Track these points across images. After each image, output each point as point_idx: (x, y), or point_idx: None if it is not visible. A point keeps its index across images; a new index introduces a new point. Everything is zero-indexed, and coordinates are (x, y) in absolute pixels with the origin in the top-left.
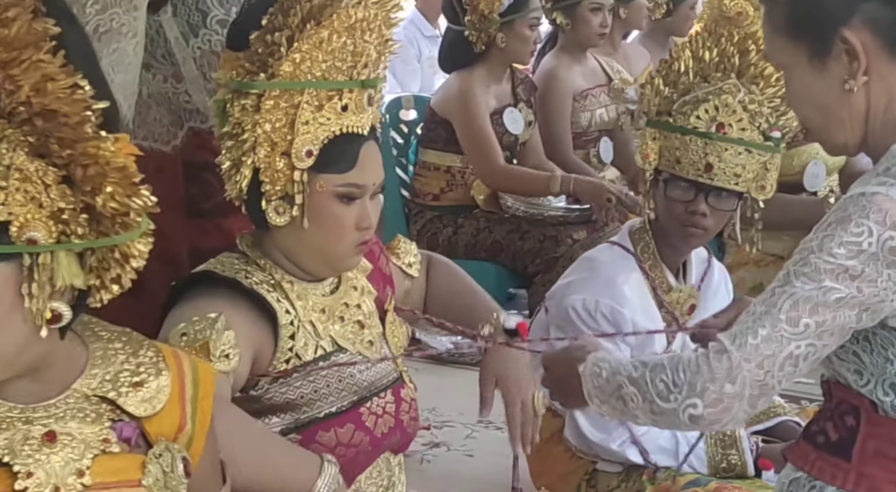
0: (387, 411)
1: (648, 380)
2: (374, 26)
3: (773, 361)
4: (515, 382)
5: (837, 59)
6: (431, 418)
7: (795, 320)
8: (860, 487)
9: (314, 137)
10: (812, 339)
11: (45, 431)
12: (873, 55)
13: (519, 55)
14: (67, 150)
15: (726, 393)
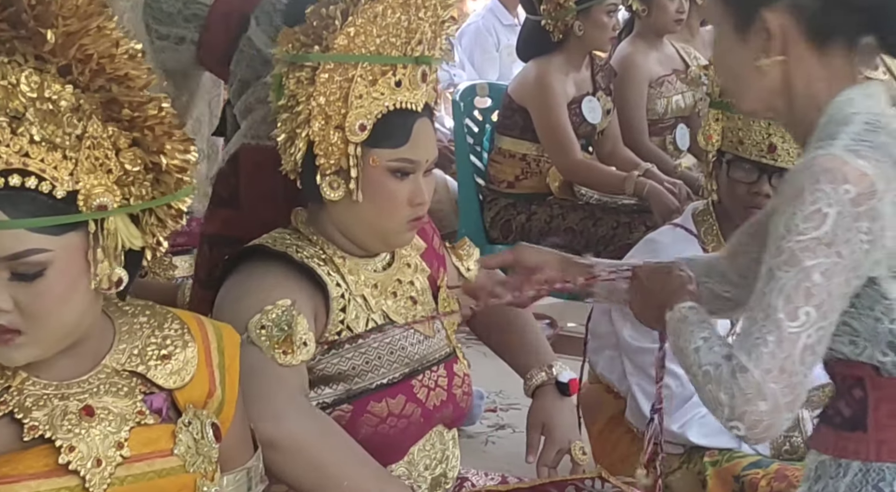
0: (439, 385)
1: (702, 385)
2: (429, 4)
3: (792, 361)
4: (561, 431)
5: (757, 35)
6: (498, 401)
7: (795, 313)
8: (882, 454)
9: (368, 111)
10: (818, 323)
11: (82, 406)
12: (792, 39)
13: (597, 42)
14: (136, 112)
15: (763, 412)
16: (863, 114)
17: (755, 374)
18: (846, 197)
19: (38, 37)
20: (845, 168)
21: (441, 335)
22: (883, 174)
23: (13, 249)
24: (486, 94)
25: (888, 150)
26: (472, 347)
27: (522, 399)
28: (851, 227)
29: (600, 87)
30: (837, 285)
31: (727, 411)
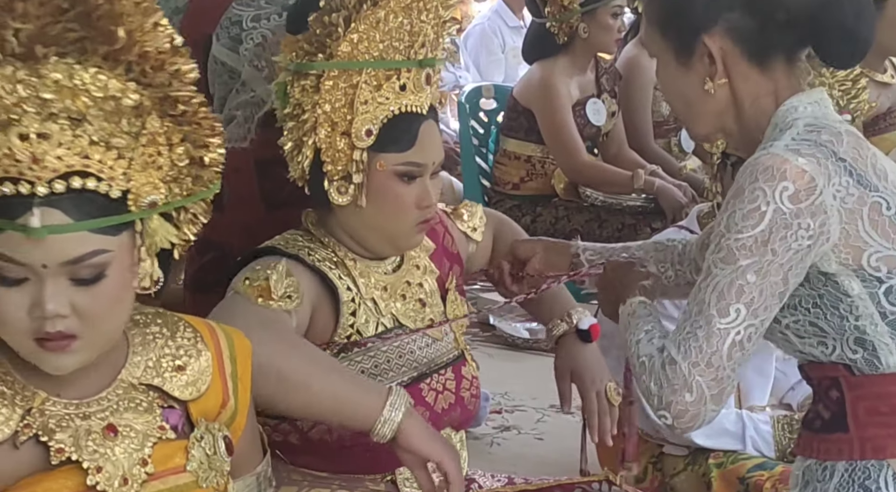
0: (447, 388)
1: (638, 375)
2: (430, 6)
3: (719, 356)
4: (590, 375)
5: (700, 60)
6: (503, 403)
7: (726, 310)
8: (865, 451)
9: (373, 116)
10: (748, 320)
11: (104, 424)
12: (733, 61)
13: (603, 45)
14: (188, 107)
15: (689, 402)
16: (805, 117)
17: (682, 366)
18: (784, 194)
19: (108, 35)
20: (784, 166)
21: (449, 338)
22: (823, 170)
23: (78, 252)
24: (492, 96)
25: (829, 147)
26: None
27: (528, 400)
28: (790, 224)
29: (605, 90)
30: (772, 284)
31: (656, 401)
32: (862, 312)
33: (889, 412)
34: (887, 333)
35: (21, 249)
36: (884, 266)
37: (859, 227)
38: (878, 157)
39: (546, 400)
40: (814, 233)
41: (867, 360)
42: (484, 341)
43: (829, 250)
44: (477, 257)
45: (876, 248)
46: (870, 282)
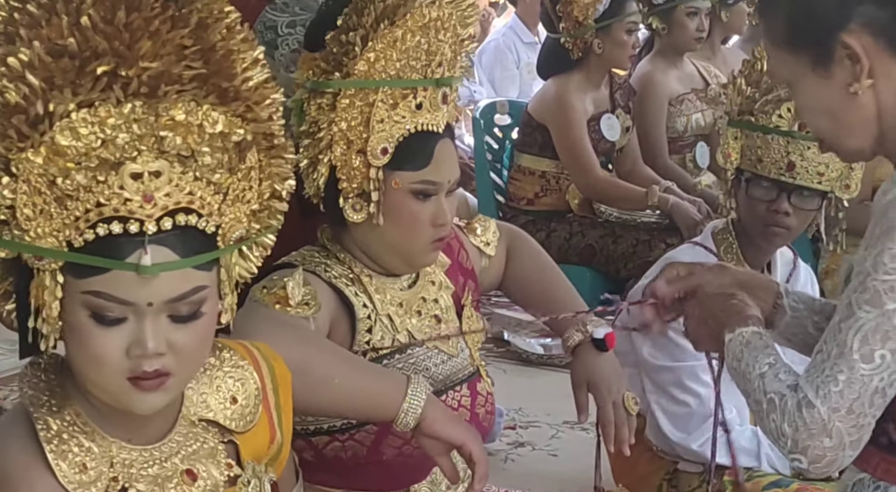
0: (462, 405)
1: (765, 413)
2: (448, 25)
3: (861, 403)
4: (606, 384)
5: (840, 64)
6: (517, 418)
7: (870, 355)
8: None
9: (389, 134)
10: (893, 367)
11: (182, 468)
12: (876, 57)
13: (617, 60)
14: (277, 140)
15: (827, 448)
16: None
17: (822, 411)
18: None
19: (226, 72)
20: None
21: (465, 355)
22: None
23: (182, 289)
24: (506, 112)
25: None
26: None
27: (542, 416)
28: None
29: (619, 105)
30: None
31: (790, 444)
32: None
33: None
34: None
35: (127, 288)
36: None
37: None
38: None
39: (560, 416)
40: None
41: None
42: (498, 357)
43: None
44: (490, 272)
45: None
46: None
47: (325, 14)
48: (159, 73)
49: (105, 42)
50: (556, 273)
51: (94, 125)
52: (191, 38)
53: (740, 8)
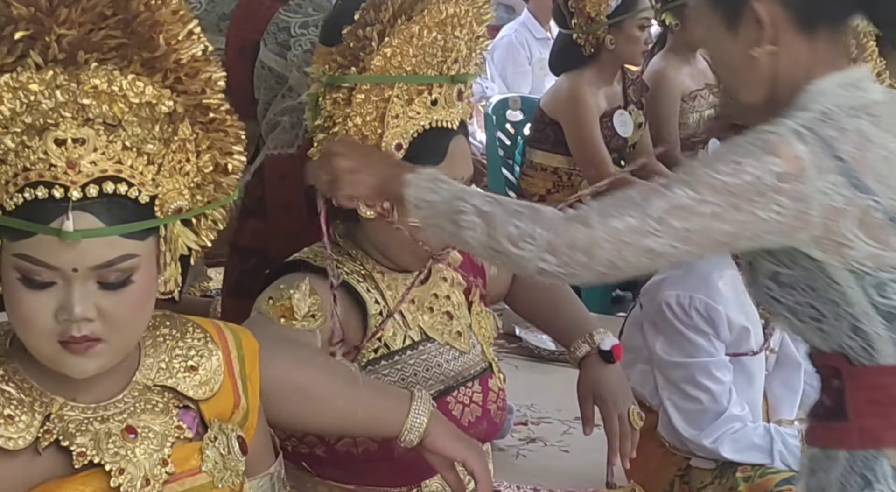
0: (474, 401)
1: (502, 221)
2: (464, 22)
3: (630, 249)
4: (612, 397)
5: (747, 26)
6: (529, 414)
7: (664, 220)
8: (865, 441)
9: (404, 130)
10: (674, 240)
11: (123, 426)
12: (782, 27)
13: (629, 56)
14: (217, 114)
15: (578, 262)
16: (824, 104)
17: (596, 233)
18: (772, 168)
19: (148, 43)
20: (783, 146)
21: (477, 351)
22: (817, 164)
23: (108, 256)
24: (518, 108)
25: (831, 144)
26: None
27: (553, 413)
28: (764, 194)
29: (632, 101)
30: (717, 230)
31: (543, 245)
32: (853, 301)
33: (887, 403)
34: (881, 324)
35: (52, 252)
36: (870, 262)
37: (843, 225)
38: (889, 158)
39: (572, 412)
40: (787, 215)
41: (864, 349)
42: (510, 353)
43: (811, 240)
44: (498, 283)
45: (862, 246)
46: (857, 274)
47: (343, 9)
48: (78, 40)
49: (23, 8)
50: (564, 288)
51: (16, 90)
52: (111, 8)
53: None
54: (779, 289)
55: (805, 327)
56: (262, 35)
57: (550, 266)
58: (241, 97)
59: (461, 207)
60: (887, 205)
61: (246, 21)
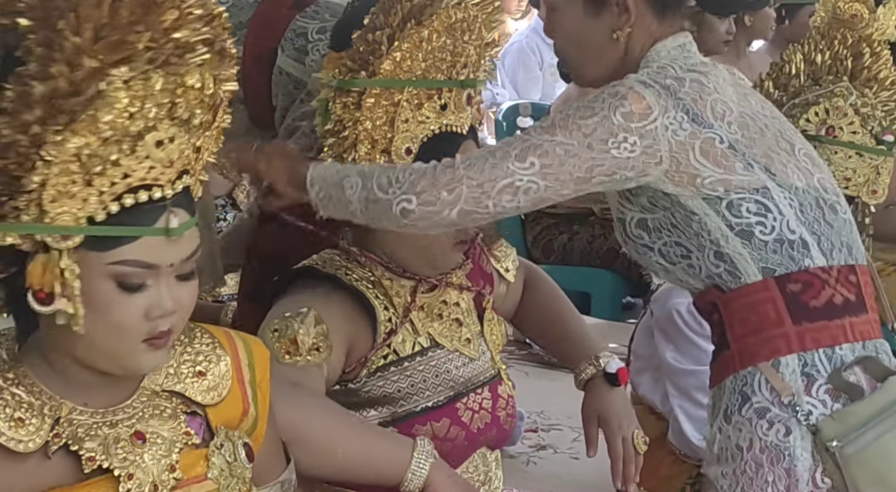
0: (483, 407)
1: (375, 174)
2: (474, 27)
3: (492, 185)
4: (617, 420)
5: (609, 10)
6: (539, 421)
7: (523, 158)
8: (744, 361)
9: (413, 135)
10: (535, 176)
11: (132, 432)
12: (640, 11)
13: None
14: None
15: (441, 198)
16: (660, 60)
17: (459, 171)
18: (620, 110)
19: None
20: (629, 92)
21: (486, 357)
22: (662, 103)
23: (192, 247)
24: (529, 114)
25: (671, 88)
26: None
27: (564, 420)
28: (615, 132)
29: None
30: (574, 166)
31: (406, 186)
32: (711, 227)
33: (758, 320)
34: (739, 243)
35: (155, 252)
36: (720, 187)
37: (690, 156)
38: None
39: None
40: (638, 151)
41: (730, 272)
42: (520, 359)
43: (663, 175)
44: (507, 302)
45: (709, 173)
46: (710, 200)
47: (353, 13)
48: (183, 42)
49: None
50: (571, 310)
51: (128, 99)
52: (199, 7)
53: (765, 13)
54: (648, 236)
55: (677, 269)
56: (279, 43)
57: (412, 205)
58: (260, 106)
59: (346, 173)
60: (725, 136)
61: (263, 29)
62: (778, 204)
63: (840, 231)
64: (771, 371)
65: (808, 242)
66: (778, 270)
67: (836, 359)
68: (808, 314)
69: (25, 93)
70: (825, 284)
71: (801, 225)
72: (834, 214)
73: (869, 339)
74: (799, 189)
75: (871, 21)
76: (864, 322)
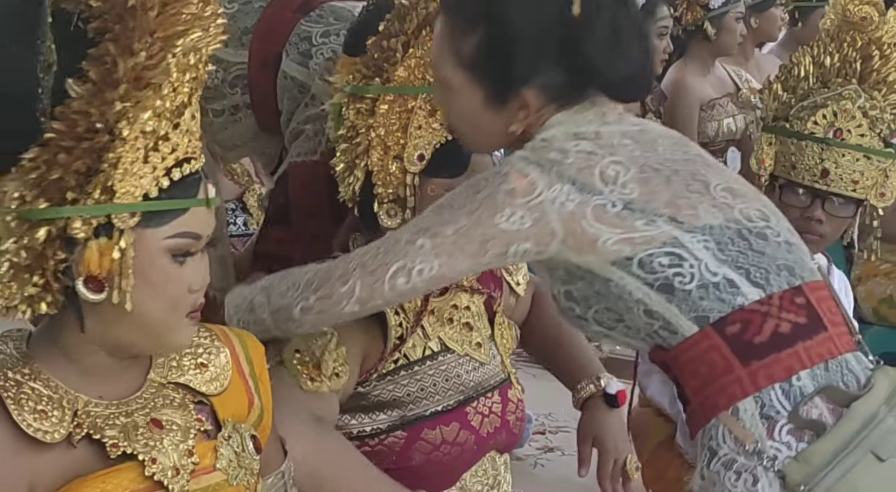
0: (493, 411)
1: (276, 283)
2: None
3: (385, 270)
4: (613, 442)
5: (510, 107)
6: (547, 424)
7: (413, 241)
8: (706, 416)
9: (426, 141)
10: (426, 257)
11: (148, 419)
12: (540, 105)
13: None
14: None
15: (337, 292)
16: (547, 132)
17: (352, 262)
18: (503, 187)
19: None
20: (512, 171)
21: (496, 361)
22: (546, 179)
23: (213, 225)
24: None
25: (555, 161)
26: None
27: (571, 422)
28: (501, 207)
29: (650, 110)
30: (466, 243)
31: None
32: (631, 289)
33: (708, 371)
34: (664, 299)
35: (202, 222)
36: (624, 247)
37: (584, 224)
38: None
39: None
40: (528, 224)
41: (665, 329)
42: (528, 362)
43: (562, 246)
44: (515, 314)
45: (607, 235)
46: (619, 263)
47: (368, 19)
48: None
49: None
50: (573, 330)
51: (177, 72)
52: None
53: (770, 14)
54: (578, 307)
55: (617, 333)
56: (283, 47)
57: (310, 302)
58: (266, 111)
59: (253, 294)
60: (618, 200)
61: (268, 34)
62: (691, 250)
63: (775, 256)
64: (731, 420)
65: (734, 280)
66: (712, 317)
67: (793, 392)
68: (756, 352)
69: (108, 71)
70: (766, 317)
71: (723, 264)
72: (764, 241)
73: (831, 357)
74: (715, 227)
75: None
76: (823, 341)
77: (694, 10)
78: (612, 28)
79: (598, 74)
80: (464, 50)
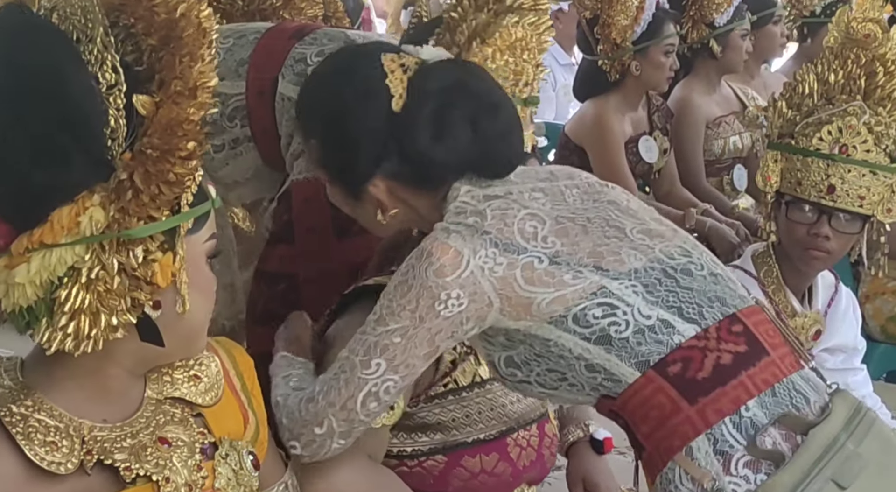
0: (530, 444)
1: (273, 411)
2: (530, 46)
3: (354, 401)
4: (605, 483)
5: (368, 199)
6: None
7: (368, 363)
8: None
9: None
10: (386, 374)
11: (154, 438)
12: (401, 192)
13: (654, 82)
14: None
15: (317, 434)
16: (457, 200)
17: (320, 404)
18: (430, 269)
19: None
20: (433, 245)
21: None
22: (469, 246)
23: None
24: (543, 134)
25: (475, 226)
26: None
27: None
28: (437, 295)
29: (657, 127)
30: (416, 345)
31: (287, 434)
32: (570, 346)
33: (657, 414)
34: (603, 351)
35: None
36: (558, 306)
37: (516, 288)
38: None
39: None
40: (465, 301)
41: (609, 379)
42: None
43: (499, 314)
44: None
45: (541, 296)
46: (556, 321)
47: (418, 33)
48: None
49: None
50: None
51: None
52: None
53: (769, 31)
54: (520, 371)
55: (561, 392)
56: (279, 72)
57: (297, 450)
58: (268, 141)
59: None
60: (543, 254)
61: (264, 62)
62: (621, 297)
63: (703, 290)
64: (686, 461)
65: (668, 320)
66: (652, 360)
67: (744, 424)
68: (701, 388)
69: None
70: (705, 351)
71: (654, 306)
72: (689, 276)
73: (777, 381)
74: (640, 270)
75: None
76: (766, 366)
77: (699, 27)
78: (436, 119)
79: (431, 163)
80: (313, 153)
